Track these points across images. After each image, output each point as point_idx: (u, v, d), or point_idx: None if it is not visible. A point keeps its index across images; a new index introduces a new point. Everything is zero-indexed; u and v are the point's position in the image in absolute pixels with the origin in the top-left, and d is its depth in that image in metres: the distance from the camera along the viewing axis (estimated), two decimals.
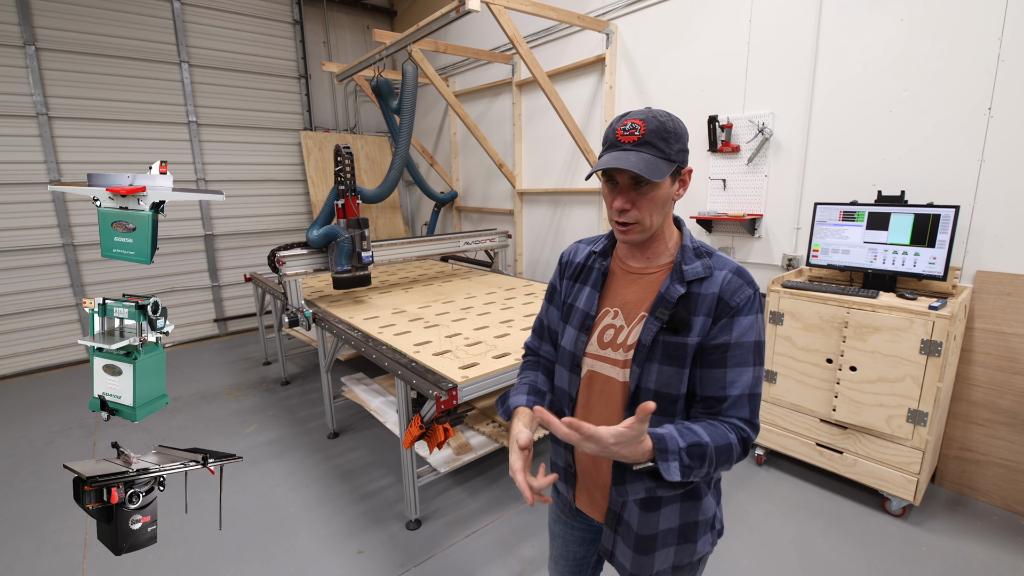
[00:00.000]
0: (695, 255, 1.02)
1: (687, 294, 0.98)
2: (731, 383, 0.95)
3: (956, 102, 2.51)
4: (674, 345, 0.97)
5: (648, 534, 1.04)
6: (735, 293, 0.96)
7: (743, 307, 0.96)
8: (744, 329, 0.95)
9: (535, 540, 2.38)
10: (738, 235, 3.47)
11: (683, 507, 1.05)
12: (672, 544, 1.07)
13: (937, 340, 2.21)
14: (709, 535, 1.11)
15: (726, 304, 0.96)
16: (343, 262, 3.40)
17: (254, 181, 5.89)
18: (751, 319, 0.96)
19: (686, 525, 1.06)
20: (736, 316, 0.95)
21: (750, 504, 2.61)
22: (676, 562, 1.08)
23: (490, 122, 5.46)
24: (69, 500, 2.75)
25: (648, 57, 3.80)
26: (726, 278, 0.98)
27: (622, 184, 0.96)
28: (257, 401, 4.04)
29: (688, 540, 1.07)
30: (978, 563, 2.18)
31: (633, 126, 0.93)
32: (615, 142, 0.96)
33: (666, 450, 0.87)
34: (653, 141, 0.93)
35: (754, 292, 0.98)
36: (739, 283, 0.97)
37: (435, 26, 3.47)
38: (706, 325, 0.96)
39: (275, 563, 2.29)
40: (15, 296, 4.66)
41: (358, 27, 6.77)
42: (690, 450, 0.88)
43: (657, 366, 0.98)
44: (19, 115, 4.51)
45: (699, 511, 1.07)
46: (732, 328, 0.95)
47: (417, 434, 2.16)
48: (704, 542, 1.10)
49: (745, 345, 0.95)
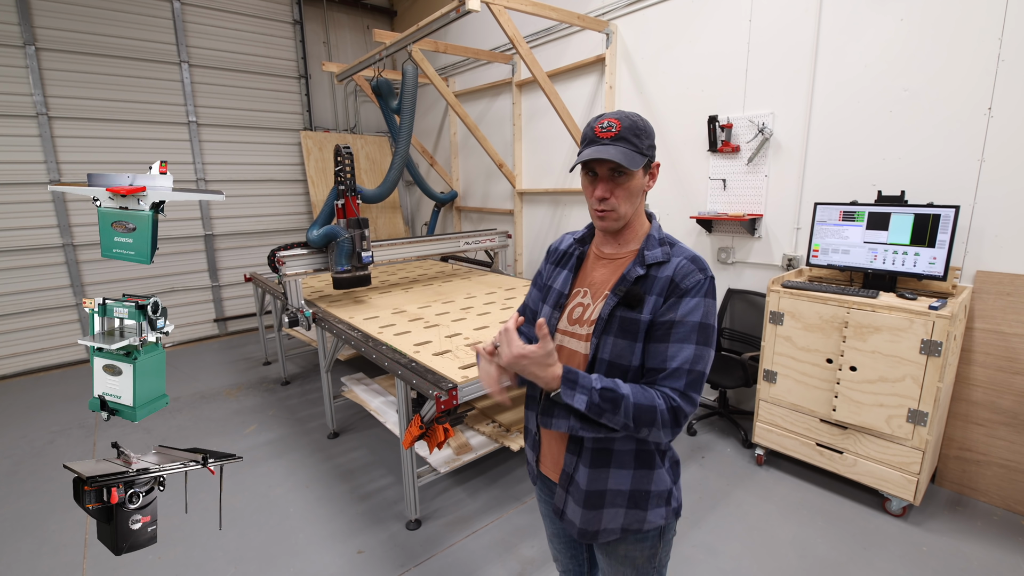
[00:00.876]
0: (658, 243, 1.12)
1: (645, 276, 1.08)
2: (672, 356, 1.03)
3: (956, 102, 2.51)
4: (628, 320, 1.07)
5: (595, 490, 1.13)
6: (686, 277, 1.06)
7: (691, 289, 1.05)
8: (690, 309, 1.04)
9: (535, 540, 2.38)
10: (738, 235, 3.47)
11: (635, 474, 1.14)
12: (621, 506, 1.15)
13: (937, 340, 2.21)
14: (663, 508, 1.18)
15: (676, 286, 1.05)
16: (343, 262, 3.40)
17: (254, 181, 5.89)
18: (698, 300, 1.05)
19: (637, 492, 1.15)
20: (683, 297, 1.05)
21: (750, 504, 2.61)
22: (625, 525, 1.16)
23: (490, 122, 5.46)
24: (69, 500, 2.75)
25: (648, 57, 3.80)
26: (680, 264, 1.07)
27: (601, 175, 1.07)
28: (257, 401, 4.04)
29: (638, 507, 1.15)
30: (978, 563, 2.18)
31: (610, 124, 1.05)
32: (594, 138, 1.06)
33: (575, 382, 1.00)
34: (627, 137, 1.04)
35: (705, 278, 1.06)
36: (691, 268, 1.06)
37: (435, 26, 3.47)
38: (657, 304, 1.06)
39: (275, 563, 2.29)
40: (15, 296, 4.66)
41: (358, 27, 6.77)
42: (603, 392, 0.99)
43: (612, 339, 1.08)
44: (19, 115, 4.51)
45: (651, 481, 1.15)
46: (678, 307, 1.04)
47: (417, 434, 2.16)
48: (656, 514, 1.17)
49: (688, 324, 1.04)
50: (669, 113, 3.73)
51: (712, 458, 3.05)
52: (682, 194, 3.74)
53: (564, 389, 1.00)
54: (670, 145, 3.76)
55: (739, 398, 3.60)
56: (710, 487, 2.76)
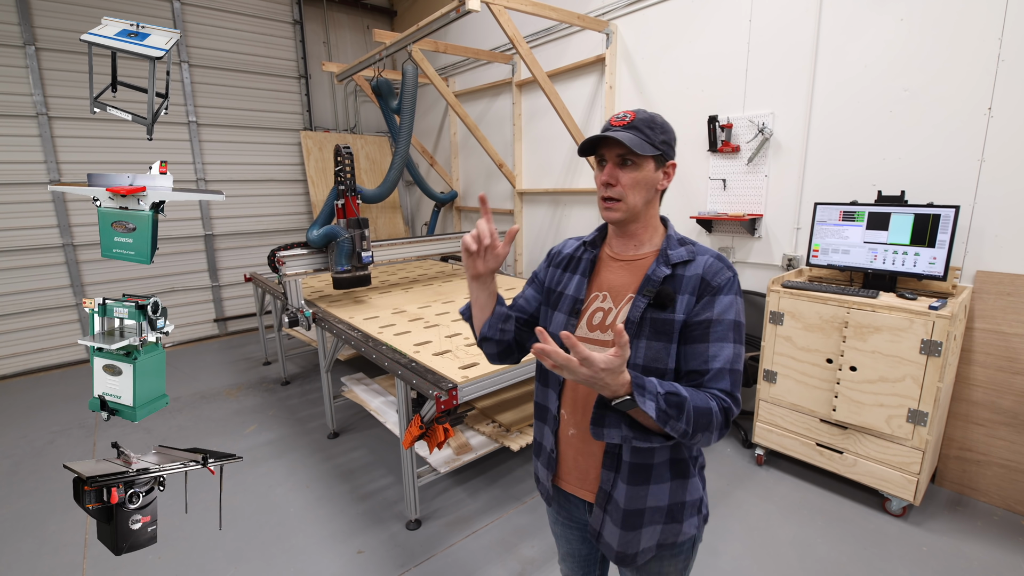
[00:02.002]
0: (679, 243, 1.11)
1: (672, 275, 1.06)
2: (713, 357, 1.00)
3: (956, 102, 2.51)
4: (661, 321, 1.03)
5: (635, 508, 1.08)
6: (716, 274, 1.04)
7: (723, 287, 1.03)
8: (725, 307, 1.02)
9: (535, 540, 2.38)
10: (738, 235, 3.47)
11: (672, 486, 1.10)
12: (659, 523, 1.10)
13: (937, 340, 2.21)
14: (696, 518, 1.15)
15: (708, 284, 1.03)
16: (343, 262, 3.40)
17: (254, 181, 5.89)
18: (731, 298, 1.04)
19: (674, 505, 1.11)
20: (717, 295, 1.03)
21: (750, 504, 2.61)
22: (661, 540, 1.12)
23: (490, 122, 5.46)
24: (69, 500, 2.75)
25: (648, 57, 3.80)
26: (708, 262, 1.06)
27: (610, 161, 1.07)
28: (257, 401, 4.04)
29: (675, 520, 1.12)
30: (978, 563, 2.18)
31: (625, 114, 1.06)
32: (608, 127, 1.07)
33: (643, 387, 0.91)
34: (640, 127, 1.04)
35: (733, 275, 1.06)
36: (720, 266, 1.05)
37: (435, 26, 3.47)
38: (690, 304, 1.03)
39: (275, 563, 2.29)
40: (15, 296, 4.66)
41: (358, 27, 6.77)
42: (668, 397, 0.92)
43: (645, 342, 1.04)
44: (19, 115, 4.51)
45: (687, 491, 1.12)
46: (713, 305, 1.02)
47: (417, 434, 2.16)
48: (690, 524, 1.14)
49: (725, 322, 1.02)
50: (669, 113, 3.67)
51: (712, 458, 3.05)
52: (682, 194, 3.74)
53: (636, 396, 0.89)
54: None
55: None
56: (710, 487, 2.76)
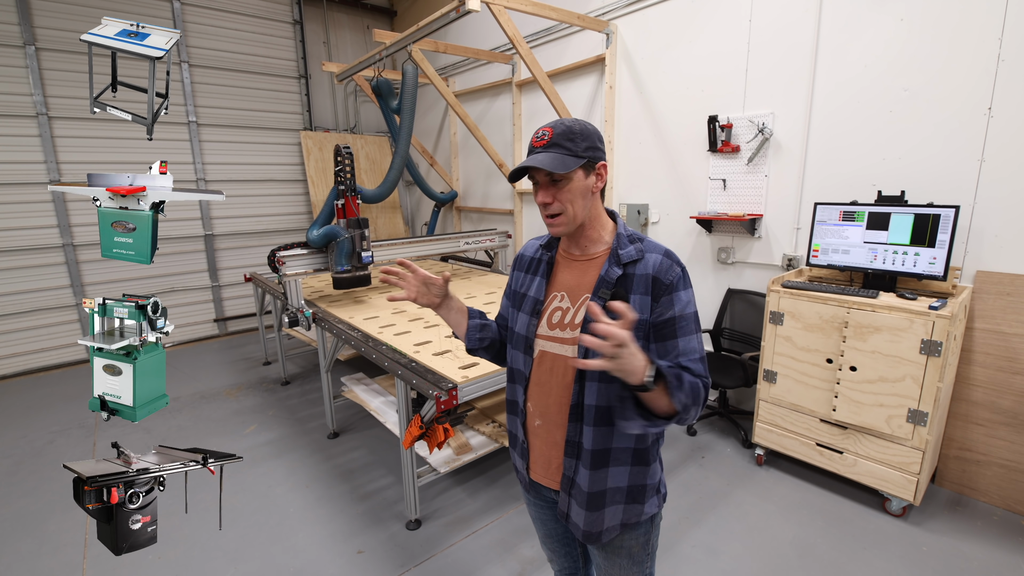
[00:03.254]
0: (628, 241, 1.15)
1: (624, 275, 1.11)
2: (683, 351, 1.08)
3: (956, 102, 2.51)
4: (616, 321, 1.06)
5: (596, 491, 1.16)
6: (667, 272, 1.10)
7: (676, 283, 1.10)
8: (684, 303, 1.10)
9: (535, 540, 2.38)
10: (738, 235, 3.47)
11: (632, 471, 1.17)
12: (620, 503, 1.18)
13: (937, 340, 2.21)
14: (655, 498, 1.23)
15: (661, 283, 1.09)
16: (343, 262, 3.41)
17: (254, 181, 5.89)
18: (687, 292, 1.11)
19: (634, 487, 1.19)
20: (674, 292, 1.09)
21: (750, 504, 2.61)
22: (624, 520, 1.20)
23: (490, 122, 5.46)
24: (69, 500, 2.75)
25: (648, 57, 3.80)
26: (657, 260, 1.11)
27: (542, 182, 1.11)
28: (257, 401, 4.04)
29: (636, 501, 1.20)
30: (978, 563, 2.18)
31: (543, 133, 1.09)
32: (531, 149, 1.11)
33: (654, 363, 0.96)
34: (560, 142, 1.07)
35: (682, 269, 1.12)
36: (669, 263, 1.11)
37: (435, 26, 3.47)
38: (644, 302, 1.09)
39: (275, 563, 2.29)
40: (15, 296, 4.66)
41: (358, 27, 6.77)
42: (671, 370, 0.99)
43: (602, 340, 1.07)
44: (19, 115, 4.51)
45: (647, 475, 1.20)
46: (674, 303, 1.09)
47: (417, 434, 2.16)
48: (651, 504, 1.22)
49: (687, 316, 1.10)
50: (669, 113, 3.73)
51: (712, 458, 3.05)
52: (682, 194, 3.74)
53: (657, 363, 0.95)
54: (670, 145, 3.76)
55: (739, 398, 3.60)
56: (710, 487, 2.76)
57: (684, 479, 2.84)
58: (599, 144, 1.12)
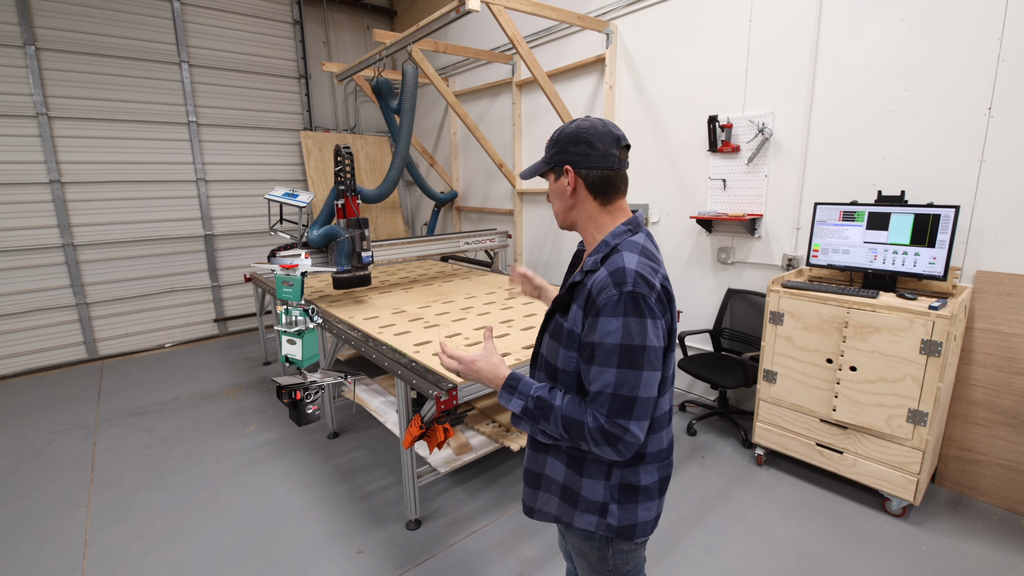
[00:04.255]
0: (603, 246, 1.10)
1: (581, 282, 1.09)
2: (593, 380, 1.03)
3: (956, 102, 2.51)
4: (558, 324, 1.13)
5: (532, 471, 1.23)
6: (600, 292, 1.02)
7: (604, 307, 1.00)
8: (607, 331, 1.00)
9: (535, 540, 2.38)
10: (738, 235, 3.47)
11: (567, 471, 1.17)
12: (555, 495, 1.20)
13: (937, 340, 2.21)
14: (594, 518, 1.15)
15: (592, 302, 1.03)
16: (343, 262, 3.40)
17: (254, 181, 5.88)
18: (616, 322, 0.99)
19: (567, 488, 1.18)
20: (599, 316, 1.01)
21: (750, 504, 2.61)
22: (557, 514, 1.21)
23: (490, 122, 5.46)
24: (69, 500, 2.76)
25: (648, 57, 3.80)
26: (600, 277, 1.03)
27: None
28: (257, 401, 4.04)
29: (568, 503, 1.18)
30: (978, 563, 2.18)
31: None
32: None
33: (515, 388, 1.10)
34: (545, 150, 1.17)
35: (620, 295, 1.00)
36: (607, 283, 1.01)
37: (435, 26, 3.47)
38: (577, 316, 1.07)
39: (275, 563, 2.29)
40: (15, 296, 4.66)
41: (358, 27, 6.77)
42: (539, 401, 1.07)
43: (548, 338, 1.17)
44: (19, 115, 4.51)
45: (580, 486, 1.15)
46: (596, 328, 1.02)
47: (417, 434, 2.16)
48: (585, 519, 1.15)
49: (607, 347, 1.00)
50: (669, 113, 3.73)
51: (712, 458, 3.05)
52: (682, 194, 3.74)
53: (503, 393, 1.11)
54: (670, 145, 3.76)
55: (739, 398, 3.60)
56: (710, 487, 2.76)
57: (684, 479, 2.84)
58: (571, 147, 1.10)
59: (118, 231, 5.09)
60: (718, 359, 3.39)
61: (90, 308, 5.03)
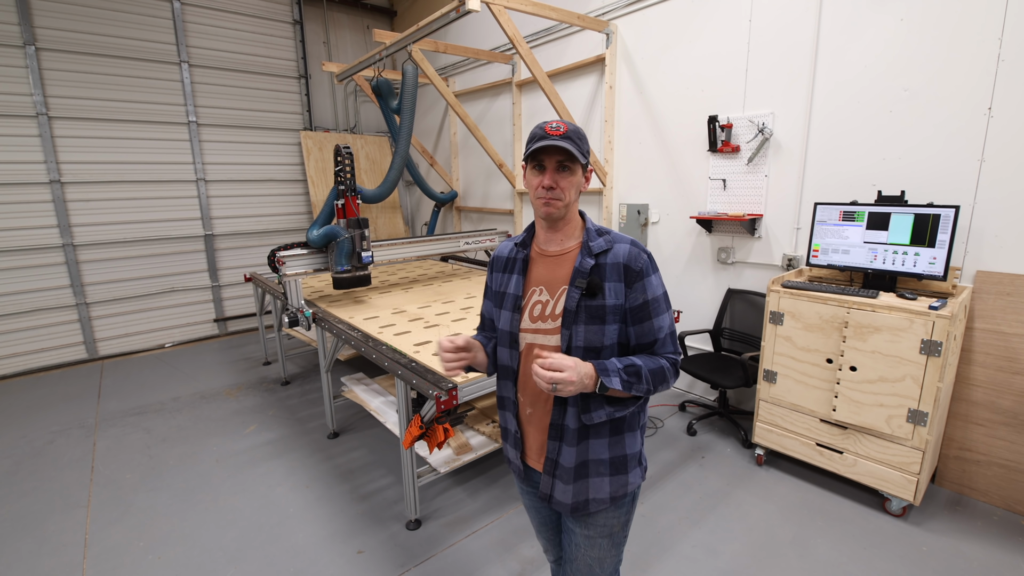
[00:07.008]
0: (597, 234, 1.26)
1: (596, 265, 1.22)
2: (659, 328, 1.22)
3: (956, 102, 2.51)
4: (594, 307, 1.20)
5: (579, 463, 1.25)
6: (636, 259, 1.21)
7: (644, 270, 1.21)
8: (655, 286, 1.23)
9: (535, 540, 2.38)
10: (738, 235, 3.47)
11: (611, 441, 1.26)
12: (605, 475, 1.26)
13: (937, 340, 2.21)
14: (638, 469, 1.32)
15: (631, 270, 1.20)
16: (343, 262, 3.40)
17: (254, 181, 5.88)
18: (655, 276, 1.24)
19: (616, 458, 1.27)
20: (645, 278, 1.21)
21: (750, 504, 2.61)
22: (612, 492, 1.28)
23: (490, 122, 5.46)
24: (69, 500, 2.76)
25: (648, 57, 3.80)
26: (626, 250, 1.22)
27: (549, 167, 1.20)
28: (257, 401, 4.04)
29: (620, 472, 1.28)
30: (978, 563, 2.18)
31: (558, 125, 1.19)
32: (544, 135, 1.18)
33: (606, 369, 1.15)
34: (573, 138, 1.19)
35: (648, 255, 1.24)
36: (636, 251, 1.22)
37: (435, 26, 3.47)
38: (618, 289, 1.20)
39: (275, 563, 2.29)
40: (15, 296, 4.66)
41: (358, 27, 6.77)
42: (627, 369, 1.17)
43: (583, 327, 1.20)
44: (19, 115, 4.51)
45: (626, 445, 1.28)
46: (646, 288, 1.21)
47: (417, 434, 2.16)
48: (635, 475, 1.31)
49: (659, 298, 1.23)
50: (669, 113, 3.73)
51: (712, 458, 3.05)
52: (682, 194, 3.74)
53: (603, 379, 1.14)
54: (670, 145, 3.76)
55: (739, 398, 3.60)
56: (710, 487, 2.76)
57: (684, 479, 2.84)
58: (586, 145, 1.25)
59: (118, 231, 5.09)
60: (718, 359, 3.39)
61: (90, 308, 5.03)
